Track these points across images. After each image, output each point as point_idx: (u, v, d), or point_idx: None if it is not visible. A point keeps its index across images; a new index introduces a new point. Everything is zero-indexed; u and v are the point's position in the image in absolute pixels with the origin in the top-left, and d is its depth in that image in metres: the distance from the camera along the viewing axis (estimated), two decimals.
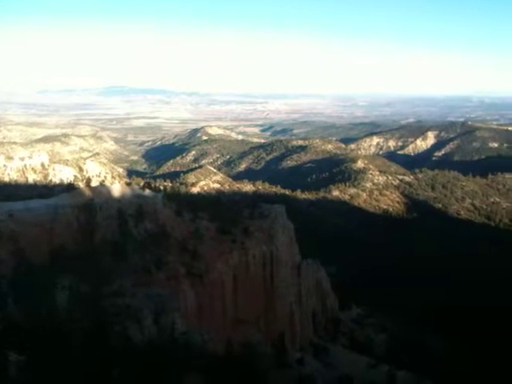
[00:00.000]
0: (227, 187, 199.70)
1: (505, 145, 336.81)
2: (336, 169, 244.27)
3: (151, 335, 36.41)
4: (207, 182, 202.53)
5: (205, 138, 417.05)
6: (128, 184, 68.48)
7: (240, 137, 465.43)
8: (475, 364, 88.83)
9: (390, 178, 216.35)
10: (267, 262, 68.24)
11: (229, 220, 70.23)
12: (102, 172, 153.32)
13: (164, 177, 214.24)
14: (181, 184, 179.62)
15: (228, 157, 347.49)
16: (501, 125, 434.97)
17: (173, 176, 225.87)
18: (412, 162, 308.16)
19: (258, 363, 36.46)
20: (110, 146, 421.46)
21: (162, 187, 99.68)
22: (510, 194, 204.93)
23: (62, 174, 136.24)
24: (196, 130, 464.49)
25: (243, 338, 49.17)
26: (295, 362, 55.21)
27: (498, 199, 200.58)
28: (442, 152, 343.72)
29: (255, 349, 41.94)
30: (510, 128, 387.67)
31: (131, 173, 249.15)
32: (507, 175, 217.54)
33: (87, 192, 58.42)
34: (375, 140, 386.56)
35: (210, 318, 54.95)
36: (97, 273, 43.93)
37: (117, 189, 61.15)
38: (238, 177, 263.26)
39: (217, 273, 58.40)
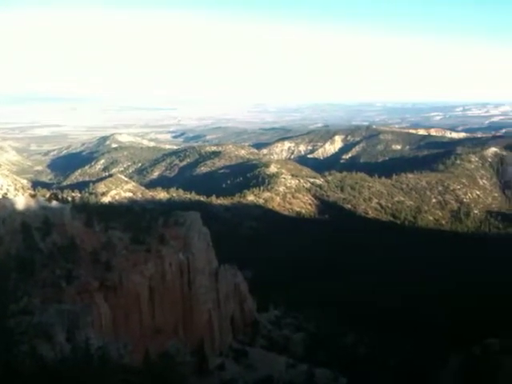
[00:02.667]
0: (140, 196, 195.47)
1: (407, 147, 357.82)
2: (250, 174, 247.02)
3: (64, 352, 34.72)
4: (118, 191, 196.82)
5: (114, 145, 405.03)
6: (33, 196, 64.87)
7: (152, 144, 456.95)
8: (386, 359, 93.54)
9: (301, 181, 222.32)
10: (184, 270, 67.53)
11: (143, 229, 68.76)
12: (4, 184, 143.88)
13: (72, 187, 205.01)
14: (90, 194, 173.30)
15: (140, 164, 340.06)
16: (402, 128, 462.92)
17: (81, 186, 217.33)
18: (322, 165, 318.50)
19: (177, 372, 35.96)
20: (12, 156, 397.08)
21: (69, 198, 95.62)
22: (413, 193, 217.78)
23: None
24: (105, 138, 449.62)
25: (161, 348, 48.25)
26: (216, 368, 55.13)
27: (402, 198, 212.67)
28: (349, 155, 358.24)
29: (174, 358, 41.32)
30: (411, 131, 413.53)
31: (36, 184, 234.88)
32: (410, 175, 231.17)
33: None
34: (286, 145, 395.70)
35: (126, 330, 53.44)
36: (1, 291, 41.18)
37: (21, 201, 57.82)
38: (151, 185, 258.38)
39: (131, 284, 56.89)
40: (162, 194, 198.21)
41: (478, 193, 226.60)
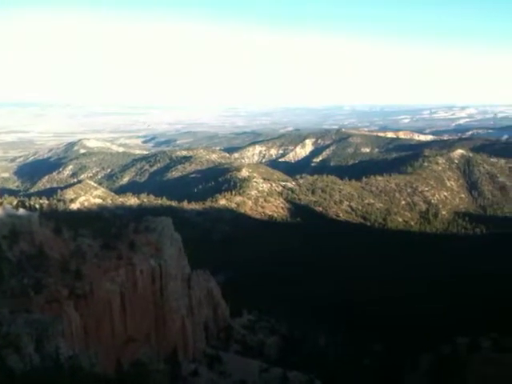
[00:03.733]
0: (110, 202, 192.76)
1: (376, 149, 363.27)
2: (221, 178, 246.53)
3: (34, 363, 33.93)
4: (87, 197, 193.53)
5: (83, 151, 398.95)
6: None
7: (121, 149, 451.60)
8: (359, 359, 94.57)
9: (273, 184, 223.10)
10: (156, 277, 66.88)
11: (113, 236, 67.91)
12: None
13: (40, 194, 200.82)
14: (59, 201, 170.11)
15: (109, 170, 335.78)
16: (371, 131, 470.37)
17: (49, 193, 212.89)
18: (293, 169, 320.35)
19: (150, 380, 35.59)
20: None
21: (37, 205, 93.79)
22: (382, 196, 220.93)
23: None
24: (73, 144, 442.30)
25: (134, 356, 47.67)
26: (189, 375, 54.72)
27: (372, 200, 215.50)
28: (320, 158, 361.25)
29: (146, 366, 40.86)
30: (379, 134, 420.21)
31: (3, 191, 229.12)
32: (379, 178, 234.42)
33: None
34: (258, 148, 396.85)
35: (97, 339, 52.64)
36: None
37: None
38: (120, 190, 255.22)
39: (102, 292, 56.07)
40: (132, 200, 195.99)
41: (445, 194, 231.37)
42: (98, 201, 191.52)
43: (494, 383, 35.82)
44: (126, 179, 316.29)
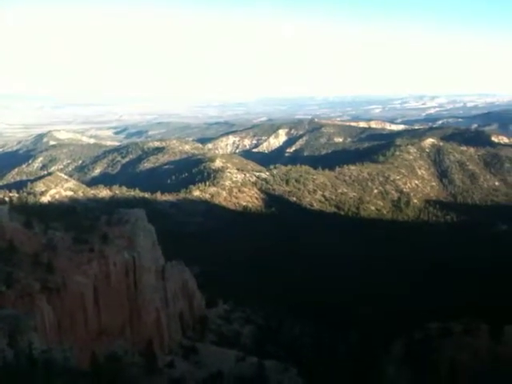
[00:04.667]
0: (81, 194, 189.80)
1: (348, 139, 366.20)
2: (195, 169, 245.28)
3: (7, 359, 33.34)
4: (58, 189, 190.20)
5: (53, 142, 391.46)
6: None
7: (92, 140, 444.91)
8: (333, 347, 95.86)
9: (247, 175, 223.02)
10: (130, 269, 66.22)
11: (85, 229, 66.91)
12: None
13: (9, 187, 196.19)
14: (29, 194, 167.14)
15: (80, 162, 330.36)
16: (344, 121, 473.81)
17: (19, 186, 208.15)
18: (267, 159, 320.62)
19: (126, 373, 35.38)
20: None
21: (7, 198, 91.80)
22: (355, 185, 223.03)
23: None
24: (42, 135, 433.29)
25: (108, 349, 47.26)
26: (165, 367, 54.52)
27: (345, 190, 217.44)
28: (293, 148, 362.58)
29: (121, 359, 40.59)
30: (352, 123, 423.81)
31: None
32: (352, 167, 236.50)
33: None
34: (231, 139, 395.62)
35: (71, 333, 51.94)
36: None
37: None
38: (92, 182, 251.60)
39: (75, 285, 55.24)
40: (104, 192, 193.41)
41: (416, 182, 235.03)
42: (69, 193, 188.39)
43: (464, 366, 36.94)
44: (97, 171, 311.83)
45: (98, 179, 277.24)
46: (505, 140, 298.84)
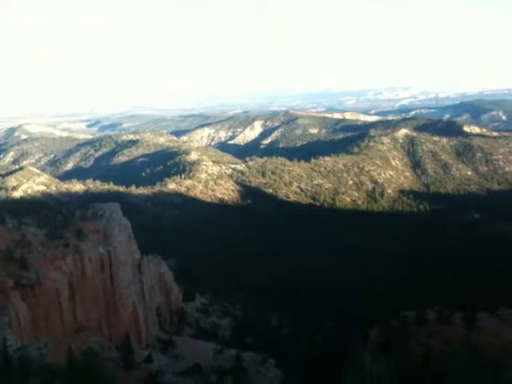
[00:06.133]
0: (54, 188, 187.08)
1: (323, 130, 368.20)
2: (170, 162, 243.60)
3: None
4: (30, 184, 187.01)
5: (24, 136, 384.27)
6: None
7: (64, 133, 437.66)
8: (311, 337, 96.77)
9: (223, 167, 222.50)
10: (105, 264, 65.56)
11: (59, 224, 65.90)
12: None
13: None
14: (0, 189, 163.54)
15: (52, 156, 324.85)
16: (318, 112, 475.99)
17: None
18: (243, 151, 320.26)
19: (103, 369, 35.09)
20: None
21: None
22: (330, 176, 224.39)
23: None
24: (13, 129, 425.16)
25: (85, 345, 46.75)
26: (143, 361, 54.25)
27: (321, 181, 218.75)
28: (269, 140, 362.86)
29: (98, 354, 40.24)
30: (326, 115, 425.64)
31: None
32: (327, 158, 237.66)
33: None
34: (206, 131, 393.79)
35: (47, 329, 51.32)
36: None
37: None
38: (65, 176, 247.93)
39: (50, 281, 54.48)
40: (77, 186, 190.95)
41: (390, 173, 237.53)
42: (42, 188, 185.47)
43: (438, 353, 37.82)
44: (70, 165, 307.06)
45: (70, 173, 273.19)
46: (476, 130, 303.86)
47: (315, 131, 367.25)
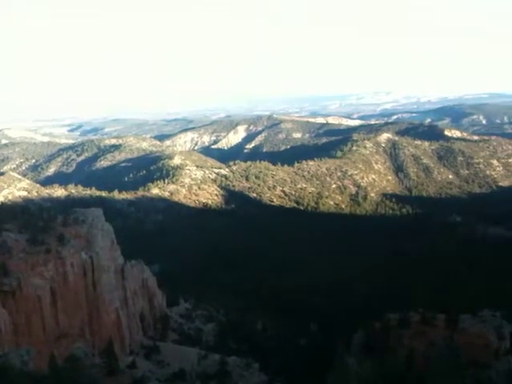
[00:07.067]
0: (35, 194, 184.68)
1: (307, 134, 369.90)
2: (153, 166, 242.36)
3: None
4: (11, 190, 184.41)
5: (4, 141, 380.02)
6: None
7: (46, 138, 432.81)
8: (295, 340, 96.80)
9: (207, 172, 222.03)
10: (88, 270, 64.95)
11: (40, 229, 65.14)
12: None
13: None
14: None
15: (34, 161, 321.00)
16: (302, 117, 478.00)
17: None
18: (226, 156, 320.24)
19: (86, 375, 34.71)
20: None
21: None
22: (314, 180, 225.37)
23: None
24: None
25: (67, 351, 46.19)
26: (126, 367, 53.73)
27: (304, 185, 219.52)
28: (253, 144, 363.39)
29: (81, 361, 39.79)
30: (310, 119, 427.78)
31: None
32: (311, 162, 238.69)
33: None
34: (190, 136, 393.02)
35: (28, 336, 50.75)
36: None
37: None
38: (47, 182, 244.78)
39: (31, 287, 53.83)
40: (59, 191, 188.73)
41: (373, 177, 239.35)
42: (23, 193, 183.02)
43: (421, 355, 38.30)
44: (51, 170, 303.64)
45: (52, 178, 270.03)
46: (457, 134, 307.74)
47: (299, 135, 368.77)
